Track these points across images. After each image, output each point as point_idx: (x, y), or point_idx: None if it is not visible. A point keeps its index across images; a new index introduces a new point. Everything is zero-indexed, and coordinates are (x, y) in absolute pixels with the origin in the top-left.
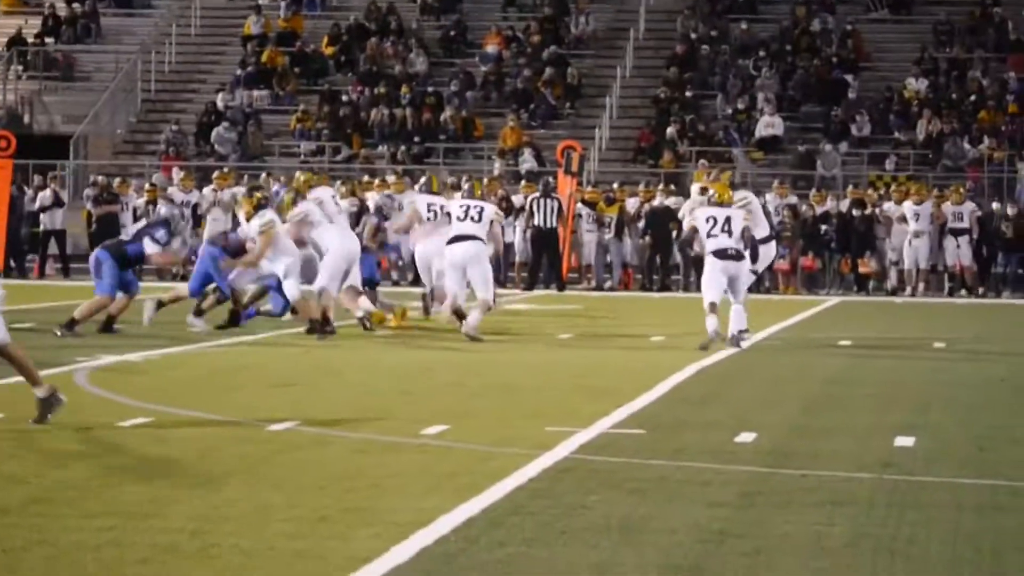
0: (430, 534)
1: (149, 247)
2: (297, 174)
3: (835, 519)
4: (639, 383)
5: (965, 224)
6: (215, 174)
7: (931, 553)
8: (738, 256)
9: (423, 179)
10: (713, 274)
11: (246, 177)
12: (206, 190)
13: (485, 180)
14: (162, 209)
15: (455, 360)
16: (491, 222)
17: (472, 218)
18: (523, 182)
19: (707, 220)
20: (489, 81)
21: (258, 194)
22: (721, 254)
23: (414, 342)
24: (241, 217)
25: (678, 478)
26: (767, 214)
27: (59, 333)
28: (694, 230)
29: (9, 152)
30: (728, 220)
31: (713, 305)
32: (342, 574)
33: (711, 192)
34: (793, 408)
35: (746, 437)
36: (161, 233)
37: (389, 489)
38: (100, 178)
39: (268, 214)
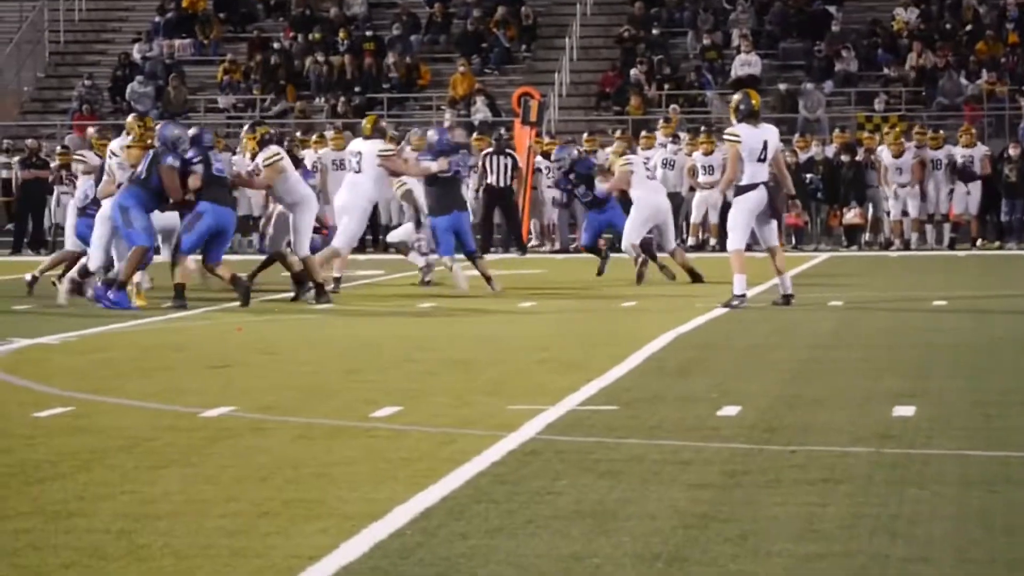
0: (384, 527)
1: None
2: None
3: (829, 498)
4: (610, 354)
5: (976, 169)
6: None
7: (935, 533)
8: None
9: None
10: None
11: None
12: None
13: (411, 137)
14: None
15: (405, 334)
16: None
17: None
18: (474, 134)
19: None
20: (435, 23)
21: (261, 128)
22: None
23: (358, 315)
24: (244, 156)
25: (655, 458)
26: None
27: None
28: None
29: None
30: None
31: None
32: (287, 574)
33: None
34: (780, 377)
35: (729, 411)
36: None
37: (337, 479)
38: (30, 141)
39: (273, 147)
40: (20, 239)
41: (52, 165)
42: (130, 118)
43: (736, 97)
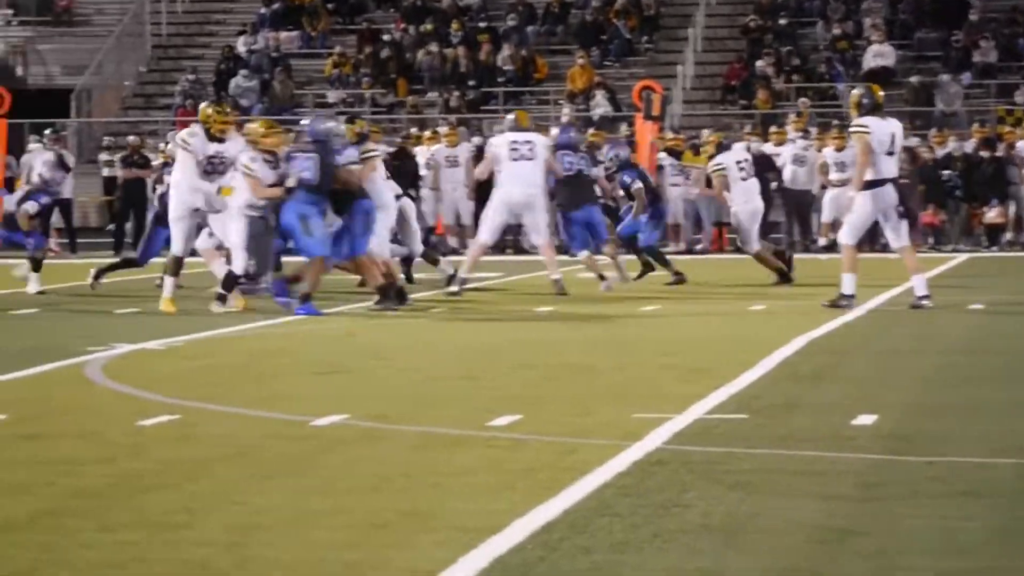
0: (503, 541)
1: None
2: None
3: (970, 512)
4: (738, 360)
5: None
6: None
7: None
8: None
9: (509, 117)
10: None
11: None
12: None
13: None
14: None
15: (523, 338)
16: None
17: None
18: (590, 130)
19: None
20: (552, 13)
21: (359, 123)
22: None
23: (474, 319)
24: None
25: (788, 469)
26: None
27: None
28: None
29: (3, 110)
30: None
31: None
32: None
33: None
34: (917, 384)
35: (864, 419)
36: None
37: (453, 489)
38: (132, 138)
39: (370, 144)
40: (120, 239)
41: (154, 163)
42: (206, 107)
43: (856, 92)
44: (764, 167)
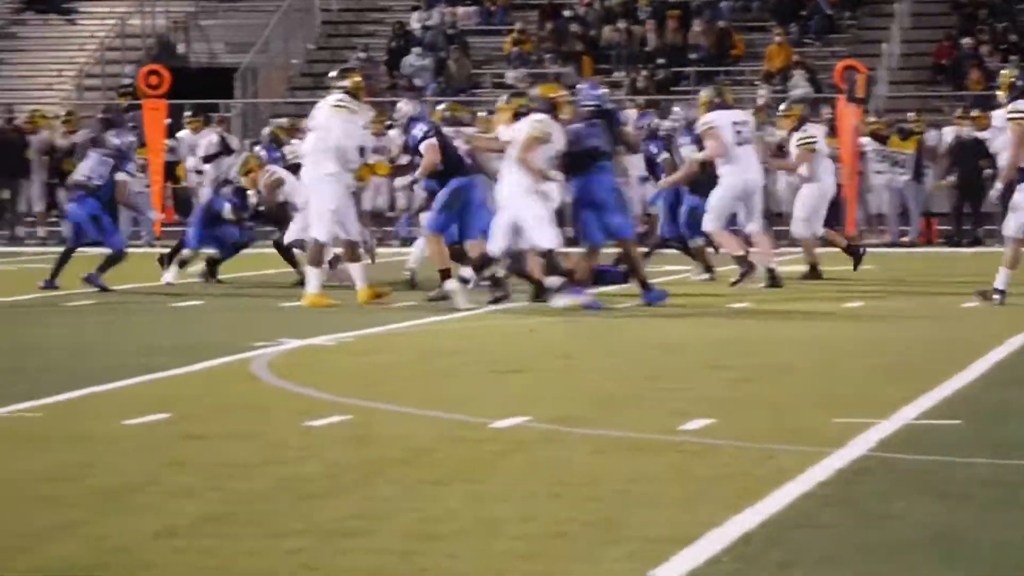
0: (697, 554)
1: None
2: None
3: None
4: (950, 361)
5: None
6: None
7: None
8: None
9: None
10: None
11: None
12: (393, 132)
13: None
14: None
15: (715, 336)
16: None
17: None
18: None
19: None
20: None
21: (517, 100)
22: None
23: (663, 315)
24: (499, 128)
25: (1007, 479)
26: None
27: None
28: None
29: (161, 90)
30: None
31: None
32: None
33: None
34: None
35: None
36: None
37: (641, 498)
38: (281, 121)
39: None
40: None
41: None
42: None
43: (1006, 72)
44: (975, 153)
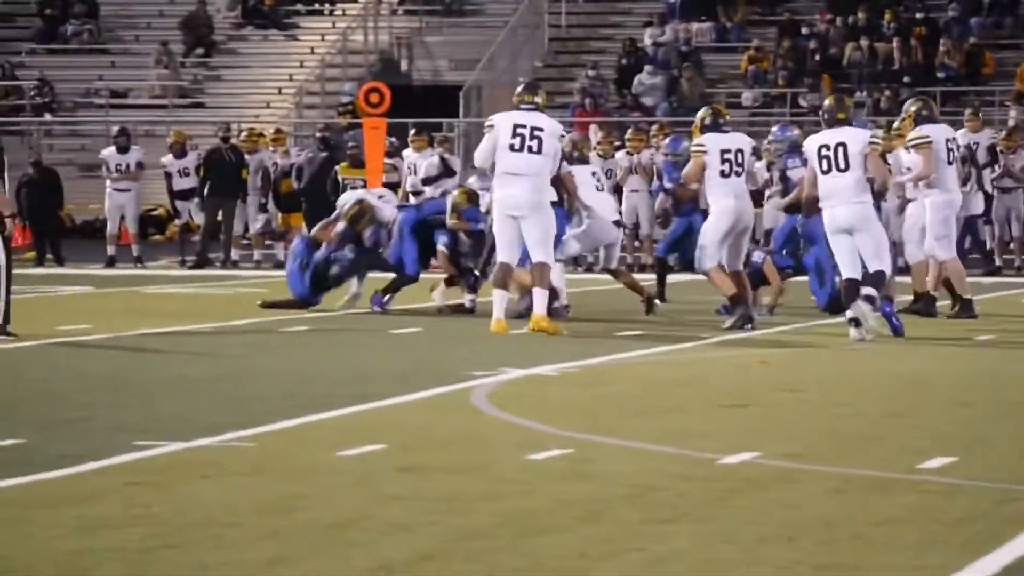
0: None
1: None
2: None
3: None
4: None
5: None
6: (628, 133)
7: None
8: None
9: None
10: None
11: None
12: (620, 154)
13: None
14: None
15: (961, 370)
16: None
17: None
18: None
19: None
20: (999, 3)
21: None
22: None
23: (902, 346)
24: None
25: None
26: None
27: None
28: None
29: (383, 108)
30: None
31: None
32: None
33: None
34: None
35: None
36: None
37: (877, 541)
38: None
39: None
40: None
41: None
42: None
43: None
44: None
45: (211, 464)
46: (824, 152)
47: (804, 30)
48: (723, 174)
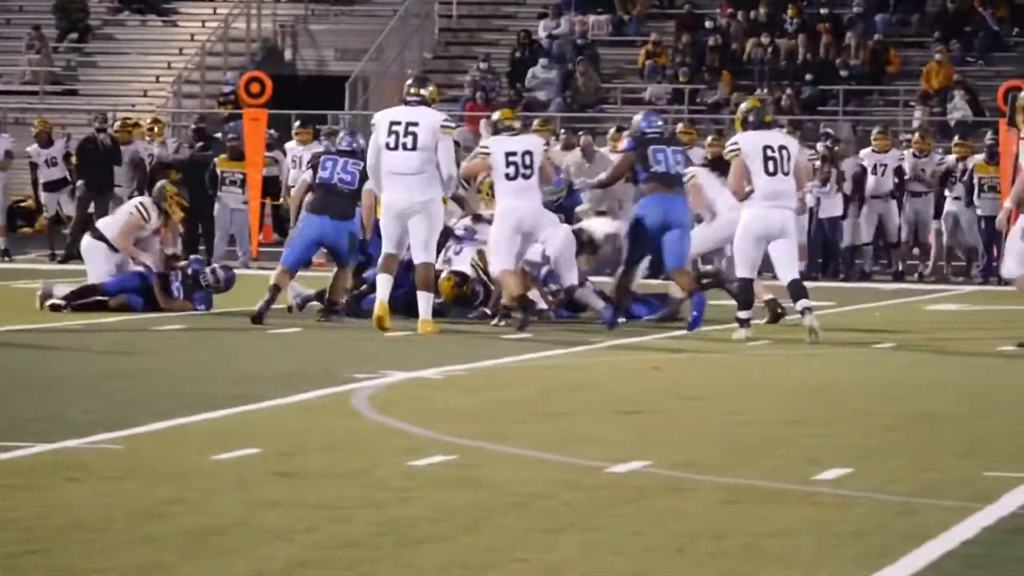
0: None
1: None
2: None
3: None
4: None
5: None
6: (535, 124)
7: None
8: None
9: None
10: None
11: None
12: None
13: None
14: None
15: (861, 378)
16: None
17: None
18: (955, 139)
19: None
20: None
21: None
22: None
23: (801, 355)
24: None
25: None
26: None
27: None
28: None
29: (263, 99)
30: None
31: None
32: None
33: None
34: None
35: None
36: None
37: (769, 553)
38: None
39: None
40: None
41: None
42: None
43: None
44: None
45: (78, 466)
46: (770, 153)
47: (707, 24)
48: (508, 176)
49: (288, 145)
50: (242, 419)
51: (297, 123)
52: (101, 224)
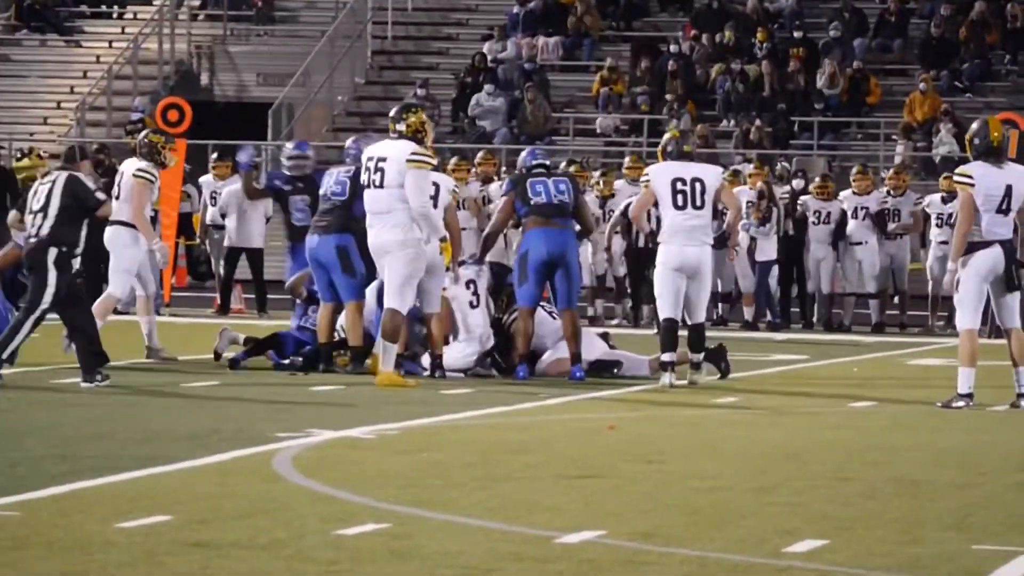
0: None
1: None
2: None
3: None
4: None
5: None
6: (479, 158)
7: None
8: None
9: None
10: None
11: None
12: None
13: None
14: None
15: (837, 441)
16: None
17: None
18: (943, 175)
19: None
20: (887, 23)
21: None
22: None
23: (772, 414)
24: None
25: None
26: None
27: None
28: None
29: (183, 127)
30: None
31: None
32: None
33: None
34: None
35: None
36: None
37: None
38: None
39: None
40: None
41: None
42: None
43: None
44: None
45: None
46: (680, 186)
47: (672, 48)
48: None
49: (203, 179)
50: (150, 483)
51: (215, 155)
52: (115, 211)
